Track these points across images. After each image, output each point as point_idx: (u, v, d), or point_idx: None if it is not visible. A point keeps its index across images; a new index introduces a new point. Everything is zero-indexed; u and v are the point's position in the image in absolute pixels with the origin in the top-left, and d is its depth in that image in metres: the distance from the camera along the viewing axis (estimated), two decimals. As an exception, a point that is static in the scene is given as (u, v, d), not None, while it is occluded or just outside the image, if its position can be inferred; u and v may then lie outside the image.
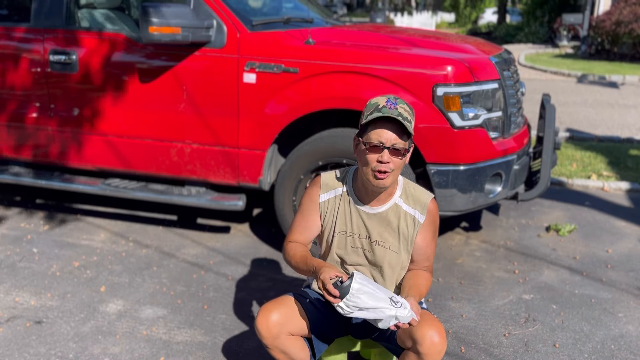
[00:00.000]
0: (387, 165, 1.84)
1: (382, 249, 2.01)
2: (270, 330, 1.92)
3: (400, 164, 1.87)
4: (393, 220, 2.01)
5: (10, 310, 2.92)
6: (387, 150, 1.83)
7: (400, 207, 2.01)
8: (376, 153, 1.84)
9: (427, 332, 1.81)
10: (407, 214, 2.01)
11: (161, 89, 3.38)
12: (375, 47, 3.19)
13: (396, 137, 1.83)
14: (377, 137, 1.84)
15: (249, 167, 3.38)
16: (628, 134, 6.88)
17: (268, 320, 1.93)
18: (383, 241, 2.01)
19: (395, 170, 1.87)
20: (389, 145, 1.83)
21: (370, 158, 1.86)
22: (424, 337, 1.81)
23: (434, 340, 1.80)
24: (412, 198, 2.02)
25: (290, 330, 1.96)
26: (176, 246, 3.70)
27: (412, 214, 2.01)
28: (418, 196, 2.03)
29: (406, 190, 2.04)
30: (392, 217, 2.01)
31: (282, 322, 1.94)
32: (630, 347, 2.66)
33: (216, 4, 3.27)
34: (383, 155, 1.83)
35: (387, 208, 2.01)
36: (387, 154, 1.83)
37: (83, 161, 3.71)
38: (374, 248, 2.02)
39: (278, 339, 1.94)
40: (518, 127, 3.51)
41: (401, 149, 1.84)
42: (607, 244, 3.80)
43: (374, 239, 2.01)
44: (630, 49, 15.38)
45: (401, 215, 2.01)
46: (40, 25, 3.57)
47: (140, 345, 2.65)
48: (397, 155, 1.85)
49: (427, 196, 2.03)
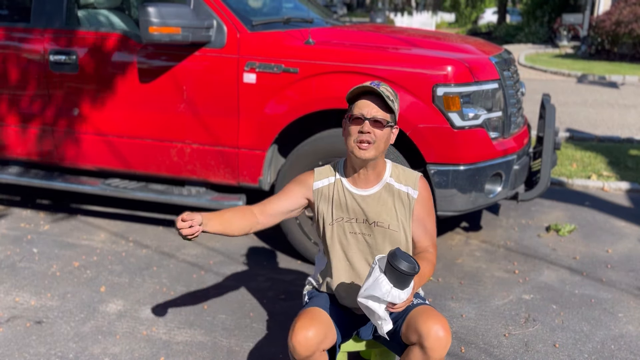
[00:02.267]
0: (369, 135, 1.91)
1: (382, 229, 2.04)
2: (308, 348, 1.88)
3: (382, 136, 1.93)
4: (388, 199, 2.04)
5: (10, 310, 2.92)
6: (367, 122, 1.91)
7: (392, 185, 2.06)
8: (358, 125, 1.93)
9: (433, 326, 1.82)
10: (401, 191, 2.05)
11: (161, 89, 3.38)
12: (375, 47, 3.19)
13: (377, 109, 1.92)
14: (358, 110, 1.94)
15: (249, 167, 3.38)
16: (628, 134, 6.88)
17: (307, 338, 1.87)
18: (381, 222, 2.04)
19: (377, 143, 1.93)
20: (370, 117, 1.91)
21: (352, 130, 1.94)
22: (429, 332, 1.82)
23: (439, 335, 1.81)
24: (402, 177, 2.07)
25: (325, 347, 1.95)
26: (176, 246, 3.71)
27: (405, 190, 2.05)
28: (407, 174, 2.08)
29: (395, 171, 2.09)
30: (386, 196, 2.04)
31: (319, 340, 1.90)
32: (630, 347, 2.66)
33: (216, 4, 3.27)
34: (364, 126, 1.91)
35: (380, 188, 2.05)
36: (368, 124, 1.91)
37: (83, 161, 3.71)
38: (373, 230, 2.04)
39: (312, 357, 1.92)
40: (518, 127, 3.51)
41: (382, 120, 1.91)
42: (607, 244, 3.80)
43: (372, 220, 2.04)
44: (630, 49, 15.38)
45: (395, 193, 2.05)
46: (40, 25, 3.57)
47: (140, 345, 2.65)
48: (378, 127, 1.92)
49: (416, 174, 2.09)
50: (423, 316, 1.87)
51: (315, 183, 2.09)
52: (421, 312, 1.90)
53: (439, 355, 1.83)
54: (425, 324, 1.84)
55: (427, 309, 1.91)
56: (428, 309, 1.91)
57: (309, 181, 2.11)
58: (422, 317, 1.87)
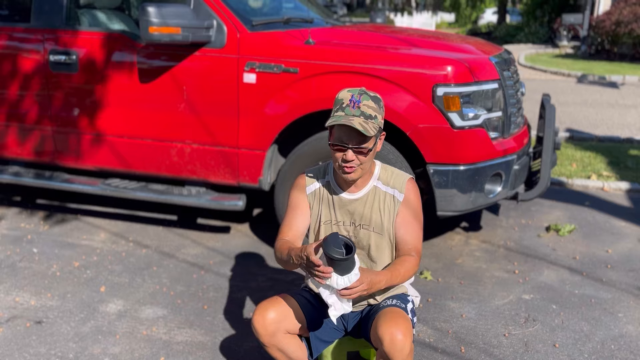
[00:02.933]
0: (353, 162, 1.90)
1: (366, 232, 2.05)
2: (266, 328, 1.94)
3: (367, 159, 1.92)
4: (374, 202, 2.04)
5: (10, 310, 2.92)
6: (350, 150, 1.88)
7: (379, 188, 2.05)
8: (340, 152, 1.91)
9: (387, 329, 1.80)
10: (387, 194, 2.04)
11: (161, 89, 3.38)
12: (375, 47, 3.19)
13: (357, 137, 1.87)
14: (339, 138, 1.90)
15: (249, 167, 3.38)
16: (628, 134, 6.88)
17: (264, 317, 1.94)
18: (366, 224, 2.04)
19: (364, 164, 1.92)
20: (352, 146, 1.88)
21: (336, 156, 1.92)
22: (384, 336, 1.81)
23: (394, 338, 1.78)
24: (390, 179, 2.06)
25: (287, 329, 1.97)
26: (176, 246, 3.71)
27: (392, 193, 2.05)
28: (396, 177, 2.07)
29: (384, 173, 2.07)
30: (372, 199, 2.04)
31: (278, 319, 1.95)
32: (630, 347, 2.66)
33: (216, 4, 3.27)
34: (347, 153, 1.89)
35: (366, 192, 2.04)
36: (351, 152, 1.89)
37: (83, 161, 3.71)
38: (358, 232, 2.05)
39: (274, 337, 1.95)
40: (518, 127, 3.51)
41: (364, 149, 1.88)
42: (607, 244, 3.80)
43: (357, 222, 2.05)
44: (630, 49, 15.38)
45: (380, 196, 2.04)
46: (40, 25, 3.57)
47: (140, 345, 2.65)
48: (361, 153, 1.90)
49: (405, 176, 2.07)
50: (382, 319, 1.86)
51: (307, 187, 2.11)
52: (383, 314, 1.89)
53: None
54: (381, 327, 1.82)
55: (389, 312, 1.89)
56: (390, 312, 1.89)
57: (303, 184, 2.12)
58: (381, 320, 1.86)
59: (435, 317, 2.90)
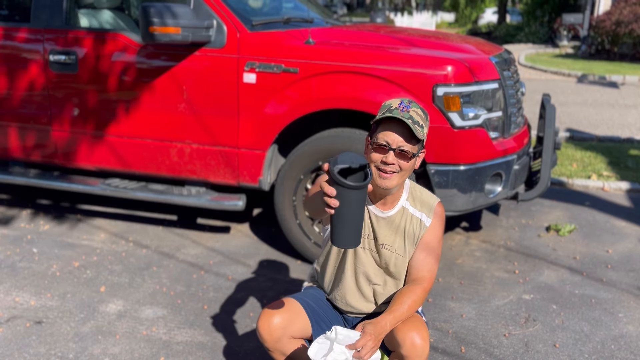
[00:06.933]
0: (392, 166, 1.82)
1: (388, 252, 2.00)
2: (272, 333, 1.92)
3: (407, 167, 1.85)
4: (400, 224, 1.99)
5: (10, 310, 2.92)
6: (392, 152, 1.81)
7: (407, 209, 1.99)
8: (381, 153, 1.83)
9: (408, 334, 1.81)
10: (414, 216, 1.99)
11: (161, 89, 3.38)
12: (375, 47, 3.19)
13: (403, 140, 1.81)
14: (383, 137, 1.82)
15: (249, 167, 3.38)
16: (628, 134, 6.87)
17: (270, 323, 1.92)
18: (389, 245, 1.99)
19: (402, 172, 1.85)
20: (395, 147, 1.81)
21: (375, 157, 1.84)
22: (404, 340, 1.81)
23: (414, 342, 1.80)
24: (419, 201, 2.01)
25: (292, 334, 1.96)
26: (176, 246, 3.70)
27: (419, 216, 1.99)
28: (425, 199, 2.01)
29: (413, 193, 2.02)
30: (399, 220, 1.99)
31: (284, 325, 1.93)
32: (630, 347, 2.66)
33: (216, 4, 3.27)
34: (388, 156, 1.81)
35: (395, 212, 1.98)
36: (392, 155, 1.81)
37: (83, 161, 3.71)
38: (380, 251, 2.00)
39: (279, 342, 1.94)
40: (518, 127, 3.51)
41: (408, 152, 1.81)
42: (607, 244, 3.80)
43: (380, 242, 2.00)
44: (630, 49, 15.38)
45: (408, 218, 1.99)
46: (40, 25, 3.57)
47: (140, 345, 2.65)
48: (403, 158, 1.83)
49: (434, 199, 2.02)
50: (401, 323, 1.87)
51: None
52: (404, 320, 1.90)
53: None
54: (402, 332, 1.83)
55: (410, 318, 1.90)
56: (411, 318, 1.90)
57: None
58: (401, 325, 1.86)
59: (436, 317, 2.90)
